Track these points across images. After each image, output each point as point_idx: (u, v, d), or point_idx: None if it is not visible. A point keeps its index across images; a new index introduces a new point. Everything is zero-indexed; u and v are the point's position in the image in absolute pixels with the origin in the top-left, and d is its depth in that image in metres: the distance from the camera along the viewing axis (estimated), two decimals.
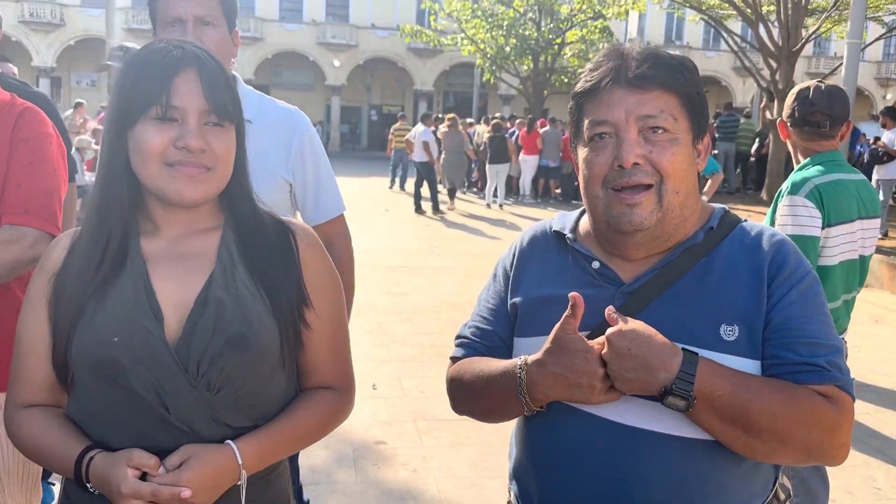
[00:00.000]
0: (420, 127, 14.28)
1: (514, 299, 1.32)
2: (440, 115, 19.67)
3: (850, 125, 2.71)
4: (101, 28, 17.54)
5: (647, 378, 1.09)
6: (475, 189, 16.96)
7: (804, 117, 2.66)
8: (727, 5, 14.86)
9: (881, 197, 10.51)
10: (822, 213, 2.53)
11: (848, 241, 2.60)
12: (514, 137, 16.05)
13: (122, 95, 1.17)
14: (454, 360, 1.38)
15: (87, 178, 9.52)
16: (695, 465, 1.16)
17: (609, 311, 1.14)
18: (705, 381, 1.09)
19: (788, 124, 2.74)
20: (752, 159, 15.88)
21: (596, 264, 1.25)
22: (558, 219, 1.37)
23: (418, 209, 13.35)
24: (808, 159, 2.70)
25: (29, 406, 1.24)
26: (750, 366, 1.15)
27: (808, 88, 2.70)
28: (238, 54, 2.08)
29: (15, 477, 1.86)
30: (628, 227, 1.18)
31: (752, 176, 16.03)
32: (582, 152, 1.24)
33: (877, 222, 2.73)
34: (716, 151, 14.51)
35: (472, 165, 16.30)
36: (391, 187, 17.26)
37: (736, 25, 17.83)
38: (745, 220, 1.27)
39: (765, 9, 14.52)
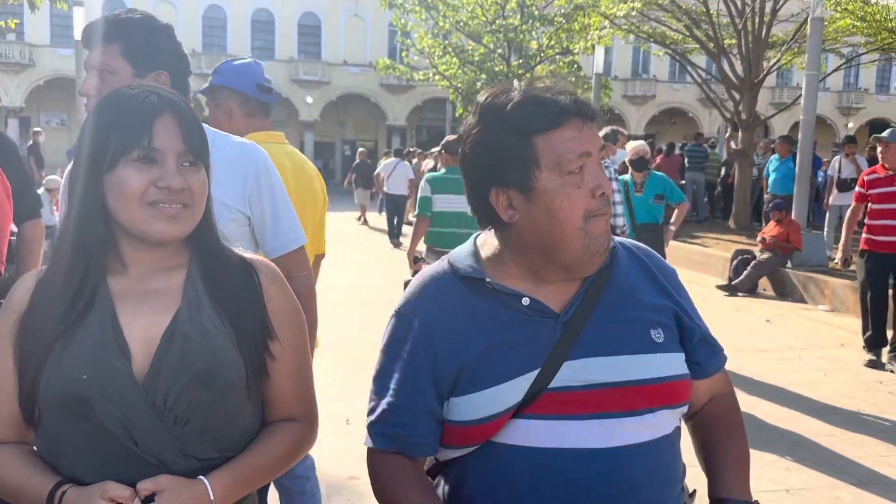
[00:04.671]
0: (392, 160, 14.60)
1: (453, 365, 1.23)
2: (411, 150, 20.09)
3: None
4: (71, 68, 17.51)
5: None
6: None
7: None
8: (690, 39, 15.26)
9: (827, 220, 10.93)
10: None
11: None
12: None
13: (100, 139, 1.21)
14: (379, 452, 1.29)
15: (56, 217, 9.46)
16: (664, 458, 1.26)
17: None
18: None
19: None
20: (718, 189, 16.20)
21: (526, 300, 1.24)
22: (456, 262, 1.30)
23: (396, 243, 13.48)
24: None
25: None
26: (678, 359, 1.28)
27: None
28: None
29: None
30: (606, 245, 1.23)
31: (720, 205, 16.33)
32: (550, 184, 1.19)
33: None
34: (683, 181, 14.78)
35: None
36: (380, 213, 18.06)
37: (701, 59, 18.29)
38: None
39: (726, 42, 14.93)
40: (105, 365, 1.19)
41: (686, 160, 15.62)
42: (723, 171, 15.91)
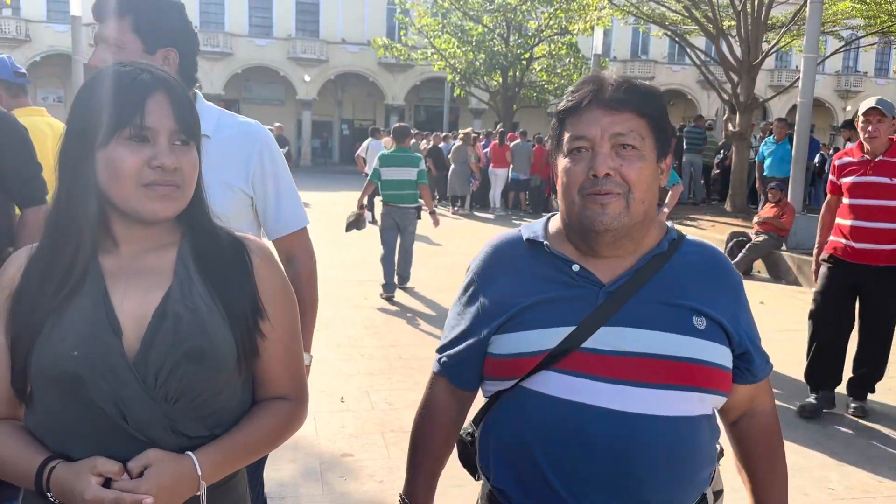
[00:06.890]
0: (370, 141, 14.56)
1: (503, 311, 1.39)
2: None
3: None
4: (68, 43, 17.36)
5: None
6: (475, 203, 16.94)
7: None
8: (690, 21, 15.17)
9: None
10: None
11: None
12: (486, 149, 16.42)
13: (92, 116, 1.21)
14: (433, 374, 1.53)
15: None
16: (682, 438, 1.32)
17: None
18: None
19: None
20: (717, 171, 16.18)
21: (576, 267, 1.38)
22: (525, 229, 1.48)
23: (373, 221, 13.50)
24: None
25: None
26: (723, 350, 1.36)
27: None
28: (208, 69, 2.08)
29: None
30: (600, 227, 1.32)
31: (717, 188, 16.32)
32: (562, 162, 1.38)
33: None
34: (676, 163, 14.75)
35: (472, 179, 16.44)
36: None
37: (700, 40, 18.20)
38: (686, 235, 1.46)
39: (725, 24, 14.85)
40: (96, 342, 1.20)
41: (685, 142, 15.58)
42: (722, 153, 15.89)
